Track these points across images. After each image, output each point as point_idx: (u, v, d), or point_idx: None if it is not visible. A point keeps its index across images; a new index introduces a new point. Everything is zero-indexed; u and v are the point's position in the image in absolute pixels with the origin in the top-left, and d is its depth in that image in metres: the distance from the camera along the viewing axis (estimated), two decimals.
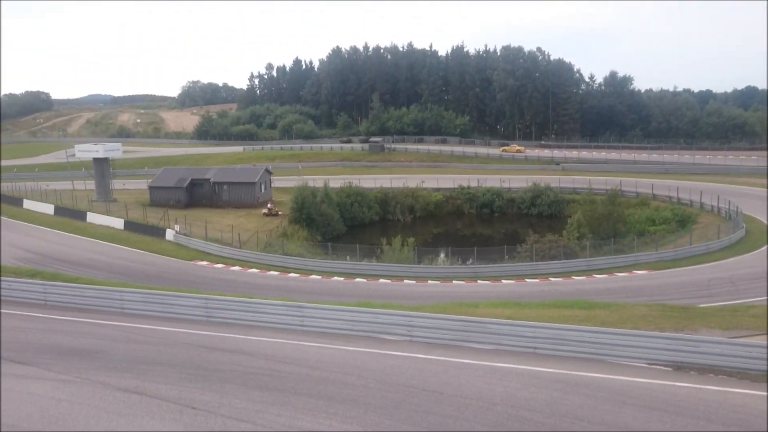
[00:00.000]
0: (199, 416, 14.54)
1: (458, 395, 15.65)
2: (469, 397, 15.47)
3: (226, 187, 71.87)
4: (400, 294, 37.00)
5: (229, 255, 49.18)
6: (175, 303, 23.82)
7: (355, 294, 35.99)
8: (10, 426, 14.18)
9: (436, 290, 39.60)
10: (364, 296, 34.07)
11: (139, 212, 60.26)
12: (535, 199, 79.40)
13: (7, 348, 19.63)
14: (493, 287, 40.55)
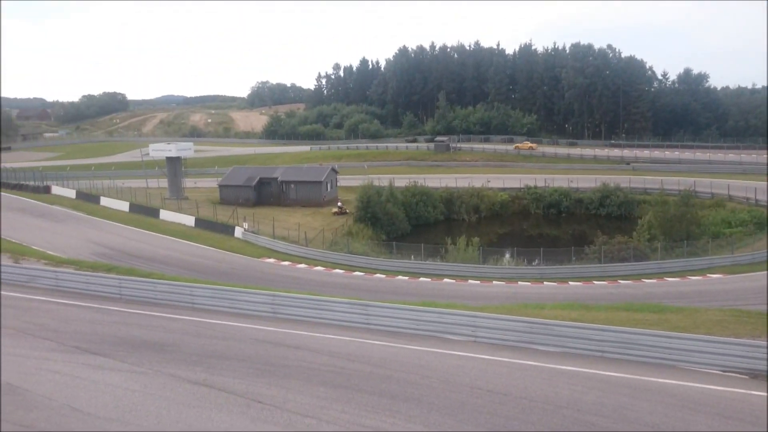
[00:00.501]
0: (265, 410, 14.81)
1: (523, 397, 15.46)
2: (534, 400, 15.26)
3: (294, 186, 72.90)
4: (464, 294, 36.79)
5: (296, 253, 49.85)
6: (242, 299, 24.29)
7: (420, 293, 35.97)
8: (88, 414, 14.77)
9: (500, 291, 39.20)
10: (428, 296, 34.02)
11: (210, 210, 61.72)
12: (604, 200, 77.69)
13: (85, 339, 20.45)
14: (560, 289, 39.88)
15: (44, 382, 16.70)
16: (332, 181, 76.11)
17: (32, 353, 19.11)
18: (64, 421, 14.36)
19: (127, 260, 41.24)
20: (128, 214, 61.65)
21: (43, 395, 15.84)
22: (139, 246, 48.52)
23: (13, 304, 25.27)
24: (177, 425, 14.07)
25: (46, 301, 25.83)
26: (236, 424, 14.14)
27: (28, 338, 20.63)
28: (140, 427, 14.06)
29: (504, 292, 38.48)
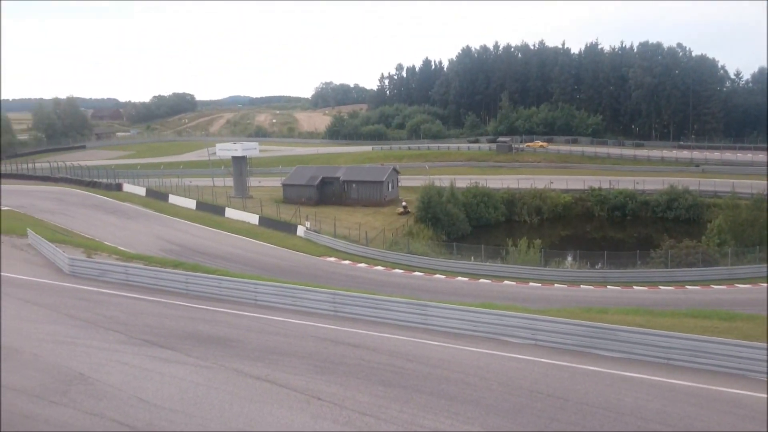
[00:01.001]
0: (325, 407, 15.01)
1: (584, 403, 15.22)
2: (596, 406, 15.00)
3: (355, 186, 73.42)
4: (524, 296, 36.38)
5: (356, 252, 50.20)
6: (304, 297, 24.62)
7: (479, 295, 35.74)
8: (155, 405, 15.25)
9: (562, 294, 38.61)
10: (488, 297, 33.75)
11: (273, 209, 62.72)
12: (671, 203, 75.57)
13: (153, 333, 21.11)
14: (624, 293, 39.01)
15: (113, 373, 17.33)
16: (393, 181, 76.33)
17: (103, 345, 19.84)
18: (132, 411, 14.87)
19: (193, 257, 42.30)
20: (195, 212, 63.17)
21: (113, 385, 16.44)
22: (205, 243, 49.70)
23: (85, 297, 26.30)
24: (239, 419, 14.40)
25: (117, 294, 26.75)
26: (296, 420, 14.37)
27: (99, 330, 21.43)
28: (204, 419, 14.45)
29: (566, 296, 37.88)
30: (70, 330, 21.46)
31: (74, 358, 18.56)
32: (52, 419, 14.57)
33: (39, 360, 18.49)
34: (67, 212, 58.22)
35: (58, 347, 19.58)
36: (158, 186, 73.58)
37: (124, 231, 51.80)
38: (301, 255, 48.93)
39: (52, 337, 20.56)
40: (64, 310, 24.15)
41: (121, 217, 58.38)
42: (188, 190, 69.74)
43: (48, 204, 61.90)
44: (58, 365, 18.00)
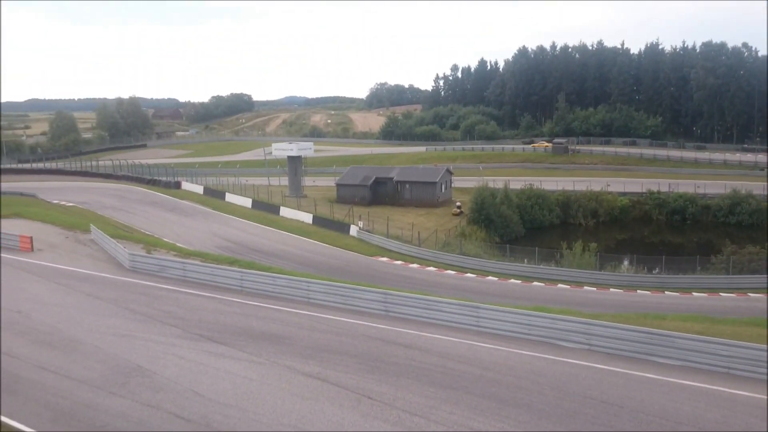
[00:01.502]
0: (375, 407, 15.09)
1: (640, 411, 14.92)
2: (652, 414, 14.70)
3: (408, 186, 73.42)
4: (579, 300, 35.79)
5: (409, 252, 50.19)
6: (356, 296, 24.76)
7: (532, 298, 35.34)
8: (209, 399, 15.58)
9: (618, 299, 37.84)
10: (541, 300, 33.36)
11: (327, 208, 63.21)
12: (734, 207, 73.18)
13: (208, 328, 21.56)
14: (682, 299, 37.99)
15: (170, 366, 17.78)
16: (447, 182, 76.06)
17: (160, 338, 20.37)
18: (187, 404, 15.23)
19: (248, 254, 42.97)
20: (250, 210, 64.12)
21: (169, 378, 16.87)
22: (259, 241, 50.44)
23: (145, 292, 27.01)
24: (291, 415, 14.61)
25: (174, 290, 27.41)
26: (347, 419, 14.49)
27: (157, 324, 22.00)
28: (256, 414, 14.70)
29: (621, 301, 37.12)
30: (129, 323, 22.10)
31: (133, 351, 19.11)
32: (111, 409, 15.05)
33: (100, 351, 19.11)
34: (128, 209, 59.87)
35: (118, 340, 20.19)
36: (215, 184, 74.90)
37: (182, 228, 52.97)
38: (354, 254, 49.18)
39: (112, 330, 21.22)
40: (124, 304, 24.87)
41: (180, 215, 59.70)
42: (244, 188, 70.83)
43: (110, 201, 63.78)
44: (118, 357, 18.57)
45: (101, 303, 25.05)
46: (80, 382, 16.76)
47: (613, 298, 38.33)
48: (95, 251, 36.24)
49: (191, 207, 64.35)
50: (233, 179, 77.37)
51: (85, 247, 37.51)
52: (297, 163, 75.72)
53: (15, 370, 17.62)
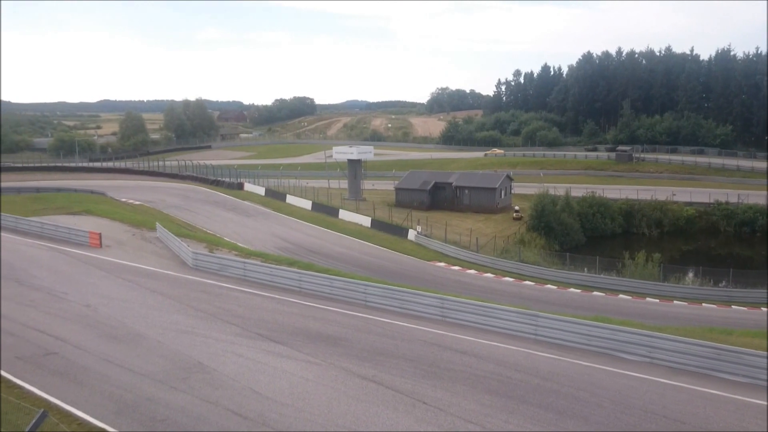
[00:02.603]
0: (430, 412, 15.04)
1: (704, 428, 14.45)
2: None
3: (467, 192, 73.02)
4: (641, 312, 34.91)
5: (466, 258, 49.90)
6: (412, 300, 24.74)
7: (592, 308, 34.65)
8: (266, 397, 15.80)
9: (682, 312, 36.77)
10: (602, 311, 32.67)
11: (385, 212, 63.40)
12: None
13: (267, 327, 21.89)
14: (751, 314, 36.65)
15: (229, 364, 18.12)
16: (506, 188, 75.32)
17: (220, 336, 20.78)
18: (245, 402, 15.49)
19: (307, 256, 43.46)
20: (310, 212, 64.85)
21: (228, 375, 17.19)
22: (318, 243, 50.94)
23: (206, 290, 27.62)
24: (345, 417, 14.69)
25: (235, 289, 27.94)
26: (401, 422, 14.49)
27: (217, 322, 22.46)
28: (312, 414, 14.84)
29: (686, 313, 36.06)
30: (191, 320, 22.63)
31: (194, 347, 19.55)
32: (172, 404, 15.42)
33: (162, 347, 19.62)
34: (192, 208, 61.34)
35: (180, 336, 20.69)
36: (277, 186, 76.00)
37: (244, 228, 53.95)
38: (411, 259, 49.18)
39: (174, 326, 21.76)
40: (186, 301, 25.48)
41: (241, 215, 60.84)
42: (305, 190, 71.67)
43: (175, 200, 65.48)
44: (180, 353, 19.03)
45: (165, 299, 25.73)
46: (143, 375, 17.24)
47: (677, 310, 37.29)
48: (160, 249, 37.26)
49: (253, 208, 65.49)
50: (294, 181, 78.40)
51: (150, 244, 38.61)
52: (357, 166, 76.19)
53: (83, 362, 18.26)
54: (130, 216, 48.83)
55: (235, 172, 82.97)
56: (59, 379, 17.06)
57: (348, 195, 74.40)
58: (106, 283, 28.42)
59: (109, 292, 26.68)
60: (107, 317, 22.83)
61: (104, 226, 42.73)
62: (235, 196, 71.39)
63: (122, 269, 31.38)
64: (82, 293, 26.28)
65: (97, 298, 25.50)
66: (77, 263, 32.62)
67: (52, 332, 20.92)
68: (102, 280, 29.00)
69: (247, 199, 69.82)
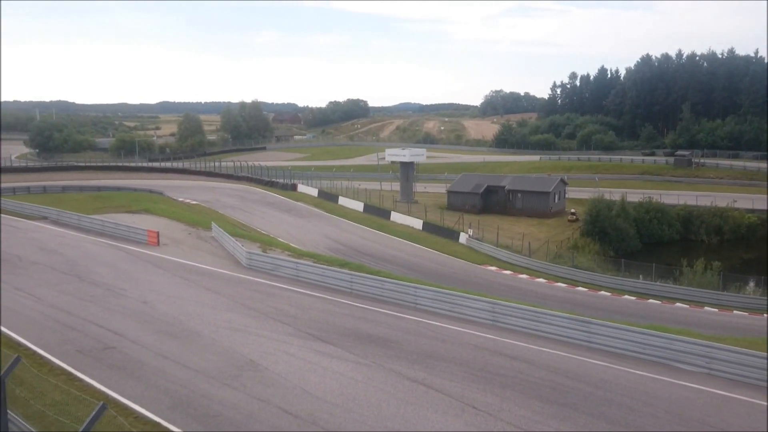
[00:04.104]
0: (479, 416, 14.97)
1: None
2: None
3: (520, 196, 72.27)
4: (698, 321, 33.98)
5: (518, 262, 49.43)
6: (463, 304, 24.63)
7: (647, 316, 33.90)
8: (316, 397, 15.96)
9: (742, 322, 35.62)
10: (657, 319, 31.93)
11: (437, 215, 63.29)
12: None
13: (318, 328, 22.09)
14: None
15: (281, 363, 18.37)
16: (560, 192, 74.24)
17: (272, 335, 21.08)
18: (296, 401, 15.67)
19: (358, 257, 43.68)
20: (362, 214, 65.19)
21: (279, 374, 17.43)
22: (370, 245, 51.16)
23: (259, 289, 28.05)
24: (395, 419, 14.73)
25: (287, 289, 28.28)
26: (450, 426, 14.45)
27: (269, 321, 22.78)
28: (361, 415, 14.92)
29: (746, 324, 34.91)
30: (244, 319, 23.01)
31: (247, 345, 19.88)
32: (225, 400, 15.72)
33: (216, 344, 20.01)
34: (247, 209, 62.33)
35: (233, 334, 21.06)
36: (329, 188, 76.61)
37: (297, 229, 54.55)
38: (462, 262, 48.96)
39: (228, 324, 22.16)
40: (240, 299, 25.92)
41: (295, 216, 61.54)
42: (357, 192, 72.06)
43: (230, 200, 66.65)
44: (233, 350, 19.38)
45: (219, 298, 26.23)
46: (197, 372, 17.62)
47: (737, 321, 36.15)
48: (215, 248, 37.98)
49: (306, 209, 66.20)
50: (347, 183, 78.86)
51: (206, 243, 39.40)
52: (409, 168, 76.24)
53: (140, 357, 18.77)
54: (186, 215, 49.93)
55: (289, 174, 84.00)
56: (117, 373, 17.58)
57: (400, 197, 74.53)
58: (163, 281, 29.13)
59: (165, 290, 27.34)
60: (164, 314, 23.41)
61: (162, 224, 43.79)
62: (289, 197, 72.28)
63: (179, 267, 32.11)
64: (140, 290, 27.00)
65: (155, 295, 26.16)
66: (136, 260, 33.53)
67: (110, 327, 21.57)
68: (159, 278, 29.74)
69: (301, 200, 70.59)
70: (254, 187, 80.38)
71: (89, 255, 34.60)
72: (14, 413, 12.15)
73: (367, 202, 68.18)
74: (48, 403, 14.61)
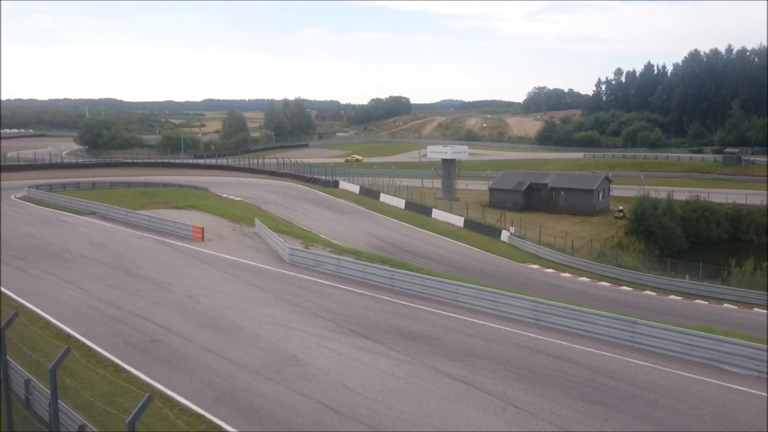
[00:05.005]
0: (521, 416, 14.87)
1: None
2: None
3: (564, 193, 71.46)
4: (747, 323, 33.08)
5: (561, 261, 48.89)
6: (505, 302, 24.43)
7: (694, 316, 33.16)
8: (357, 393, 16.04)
9: None
10: (704, 320, 31.20)
11: (478, 212, 62.95)
12: None
13: (359, 324, 22.19)
14: None
15: (322, 358, 18.51)
16: (605, 190, 73.17)
17: (314, 331, 21.24)
18: (337, 396, 15.78)
19: (399, 254, 43.69)
20: (403, 211, 65.20)
21: (321, 370, 17.57)
22: (411, 242, 51.15)
23: (301, 285, 28.28)
24: (435, 416, 14.73)
25: (328, 285, 28.44)
26: (491, 425, 14.39)
27: (311, 317, 22.96)
28: (402, 412, 14.95)
29: None
30: (286, 314, 23.24)
31: (289, 341, 20.09)
32: (267, 394, 15.92)
33: (259, 339, 20.26)
34: (289, 205, 62.87)
35: (275, 329, 21.30)
36: (371, 185, 76.78)
37: (338, 225, 54.83)
38: (504, 260, 48.63)
39: (270, 319, 22.42)
40: (282, 295, 26.18)
41: (336, 212, 61.87)
42: (398, 189, 72.09)
43: (273, 197, 67.31)
44: (275, 345, 19.60)
45: (262, 293, 26.54)
46: (240, 365, 17.87)
47: None
48: (258, 244, 38.41)
49: (347, 205, 66.48)
50: (388, 180, 78.97)
51: (249, 239, 39.87)
52: (451, 166, 76.00)
53: (184, 350, 19.12)
54: (230, 211, 50.59)
55: (331, 171, 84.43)
56: (163, 365, 17.94)
57: (441, 194, 74.35)
58: (207, 276, 29.58)
59: (210, 284, 27.76)
60: (208, 308, 23.78)
61: (206, 220, 44.46)
62: (331, 194, 72.68)
63: (223, 262, 32.57)
64: (185, 284, 27.48)
65: (199, 290, 26.59)
66: (181, 255, 34.12)
67: (156, 321, 22.01)
68: (204, 273, 30.21)
69: (342, 197, 70.92)
70: (297, 183, 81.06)
71: (136, 250, 35.33)
72: (64, 403, 12.50)
73: (409, 199, 68.16)
74: (96, 394, 14.99)
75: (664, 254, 57.47)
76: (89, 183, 68.16)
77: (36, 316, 22.24)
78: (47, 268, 30.08)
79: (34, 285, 26.99)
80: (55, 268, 30.06)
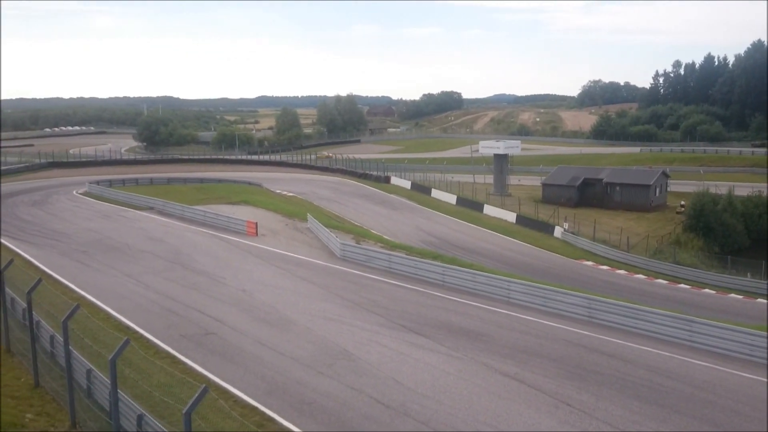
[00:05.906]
0: (574, 414, 14.68)
1: None
2: None
3: (619, 189, 70.06)
4: None
5: (616, 258, 47.98)
6: (557, 299, 24.10)
7: (756, 316, 32.11)
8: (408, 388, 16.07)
9: None
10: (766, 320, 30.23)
11: (531, 208, 62.24)
12: None
13: (410, 319, 22.21)
14: None
15: (373, 353, 18.60)
16: (662, 185, 71.44)
17: (365, 325, 21.35)
18: (388, 391, 15.85)
19: (450, 250, 43.54)
20: (455, 207, 64.92)
21: (372, 364, 17.66)
22: (462, 237, 50.89)
23: (353, 280, 28.45)
24: (486, 413, 14.66)
25: (379, 280, 28.53)
26: (543, 423, 14.25)
27: (362, 311, 23.08)
28: (452, 408, 14.93)
29: None
30: (338, 309, 23.42)
31: (340, 335, 20.24)
32: (319, 388, 16.09)
33: (311, 333, 20.48)
34: (341, 200, 63.25)
35: (327, 323, 21.49)
36: (422, 180, 76.66)
37: (389, 221, 54.92)
38: (557, 256, 47.96)
39: (322, 314, 22.62)
40: (334, 290, 26.38)
41: (387, 208, 61.96)
42: (450, 185, 71.80)
43: (325, 192, 67.82)
44: (326, 339, 19.78)
45: (314, 288, 26.79)
46: (293, 359, 18.09)
47: None
48: (311, 239, 38.77)
49: (398, 201, 66.54)
50: (439, 175, 78.71)
51: (302, 234, 40.28)
52: (503, 161, 75.33)
53: (238, 343, 19.46)
54: (283, 207, 51.16)
55: (383, 166, 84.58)
56: (217, 357, 18.30)
57: (493, 190, 73.77)
58: (260, 270, 30.02)
59: (263, 279, 28.17)
60: (261, 302, 24.14)
61: (260, 215, 45.06)
62: (382, 190, 72.84)
63: (276, 257, 32.98)
64: (239, 279, 27.94)
65: (253, 284, 27.00)
66: (235, 250, 34.69)
67: (211, 314, 22.45)
68: (257, 267, 30.66)
69: (394, 193, 71.01)
70: (348, 179, 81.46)
71: (192, 244, 36.06)
72: (123, 393, 12.86)
73: (460, 194, 67.81)
74: (154, 384, 15.38)
75: (725, 251, 55.85)
76: (147, 179, 69.82)
77: (97, 308, 22.93)
78: (107, 262, 30.99)
79: (94, 278, 27.86)
80: (115, 262, 30.93)
